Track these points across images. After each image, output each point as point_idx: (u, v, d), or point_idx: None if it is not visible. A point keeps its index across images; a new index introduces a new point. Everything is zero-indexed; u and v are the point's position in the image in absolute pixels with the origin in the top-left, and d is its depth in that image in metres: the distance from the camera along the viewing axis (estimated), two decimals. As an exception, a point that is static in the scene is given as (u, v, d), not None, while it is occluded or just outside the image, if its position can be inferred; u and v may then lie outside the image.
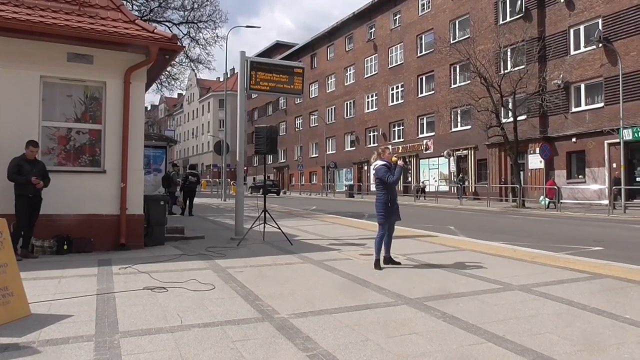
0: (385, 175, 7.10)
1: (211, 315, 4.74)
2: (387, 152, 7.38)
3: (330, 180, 47.09)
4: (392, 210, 7.17)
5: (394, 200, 7.20)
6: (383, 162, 7.25)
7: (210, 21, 25.64)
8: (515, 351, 3.84)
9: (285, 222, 13.02)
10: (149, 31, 8.82)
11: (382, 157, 7.32)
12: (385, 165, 7.20)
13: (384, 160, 7.26)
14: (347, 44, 46.72)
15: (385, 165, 7.20)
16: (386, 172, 7.12)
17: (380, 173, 7.18)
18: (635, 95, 23.05)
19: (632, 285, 6.16)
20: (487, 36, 28.71)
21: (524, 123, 26.66)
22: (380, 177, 7.16)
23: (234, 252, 8.79)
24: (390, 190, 7.17)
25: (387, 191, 7.16)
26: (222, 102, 63.35)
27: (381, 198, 7.21)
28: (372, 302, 5.29)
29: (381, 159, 7.32)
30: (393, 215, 7.25)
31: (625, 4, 23.92)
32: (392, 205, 7.16)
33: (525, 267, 7.47)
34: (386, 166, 7.18)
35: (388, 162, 7.22)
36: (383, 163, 7.24)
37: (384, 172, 7.13)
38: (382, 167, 7.20)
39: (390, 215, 7.19)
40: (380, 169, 7.20)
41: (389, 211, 7.16)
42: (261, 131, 10.44)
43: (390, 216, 7.20)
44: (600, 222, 17.02)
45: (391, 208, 7.15)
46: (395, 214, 7.26)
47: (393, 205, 7.18)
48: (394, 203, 7.19)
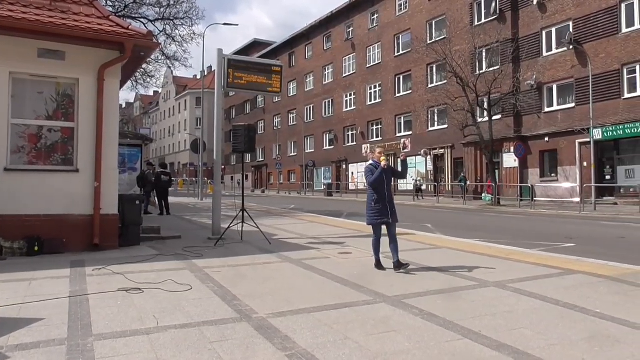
0: (366, 175, 7.04)
1: (188, 316, 4.68)
2: (376, 152, 7.24)
3: (308, 179, 47.08)
4: (380, 211, 6.86)
5: (382, 200, 6.87)
6: (371, 162, 7.14)
7: (186, 18, 25.31)
8: (491, 347, 3.90)
9: (263, 221, 12.96)
10: (123, 27, 8.67)
11: (372, 157, 7.23)
12: (372, 165, 7.05)
13: (373, 160, 7.12)
14: (325, 43, 46.74)
15: (372, 165, 7.05)
16: (369, 172, 7.00)
17: (365, 173, 7.15)
18: (605, 96, 23.61)
19: (602, 280, 6.30)
20: (463, 37, 29.03)
21: (499, 122, 27.06)
22: (365, 176, 7.16)
23: (211, 251, 8.71)
24: (377, 191, 6.90)
25: (374, 191, 6.93)
26: (199, 100, 62.93)
27: (368, 198, 7.05)
28: (350, 300, 5.30)
29: (371, 159, 7.24)
30: (381, 217, 6.89)
31: (594, 7, 24.47)
32: (379, 205, 6.86)
33: (500, 263, 7.58)
34: (372, 166, 7.03)
35: (376, 161, 7.03)
36: (370, 163, 7.15)
37: (367, 172, 7.05)
38: (367, 167, 7.11)
39: (377, 216, 6.90)
40: (366, 169, 7.13)
41: (375, 212, 6.90)
42: (239, 129, 10.37)
43: (378, 217, 6.90)
44: (572, 220, 17.39)
45: (379, 209, 6.86)
46: (384, 214, 6.88)
47: (380, 205, 6.87)
48: (382, 204, 6.87)
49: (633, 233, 12.90)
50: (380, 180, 6.86)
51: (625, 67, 23.34)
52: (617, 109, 23.37)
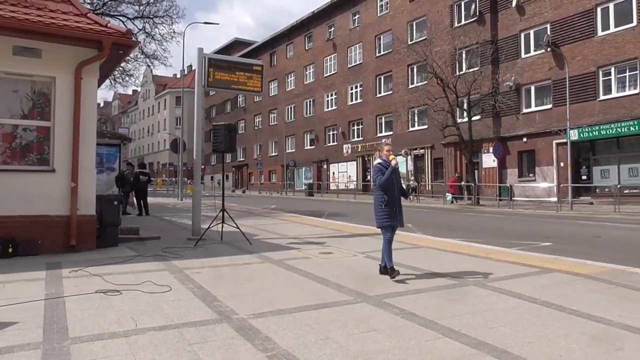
0: (375, 175, 6.43)
1: (167, 317, 4.63)
2: (385, 149, 6.53)
3: (289, 179, 46.99)
4: (390, 213, 6.32)
5: (392, 202, 6.34)
6: (379, 161, 6.55)
7: (166, 16, 25.06)
8: (471, 345, 3.93)
9: (244, 222, 12.89)
10: (101, 25, 8.54)
11: (380, 155, 6.60)
12: (381, 164, 6.46)
13: (381, 159, 6.52)
14: (306, 43, 46.71)
15: (381, 164, 6.46)
16: (378, 171, 6.39)
17: (373, 173, 6.60)
18: (581, 98, 24.05)
19: (578, 278, 6.42)
20: (443, 38, 29.30)
21: (478, 123, 27.37)
22: (372, 176, 6.59)
23: (191, 252, 8.63)
24: (387, 192, 6.33)
25: (384, 192, 6.35)
26: (179, 99, 62.25)
27: (377, 200, 6.47)
28: (331, 300, 5.30)
29: (380, 157, 6.62)
30: (392, 220, 6.36)
31: (571, 10, 24.92)
32: (389, 207, 6.31)
33: (480, 262, 7.66)
34: (381, 165, 6.44)
35: (385, 160, 6.44)
36: (378, 162, 6.54)
37: (375, 171, 6.45)
38: (375, 166, 6.53)
39: (387, 219, 6.35)
40: (374, 168, 6.55)
41: (385, 214, 6.34)
42: (219, 129, 10.29)
43: (388, 220, 6.35)
44: (550, 219, 17.68)
45: (389, 211, 6.31)
46: (394, 217, 6.36)
47: (391, 207, 6.32)
48: (393, 206, 6.34)
49: (608, 232, 13.16)
50: (391, 180, 6.32)
51: (601, 69, 23.82)
52: (593, 110, 23.84)
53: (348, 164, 40.79)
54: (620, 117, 22.70)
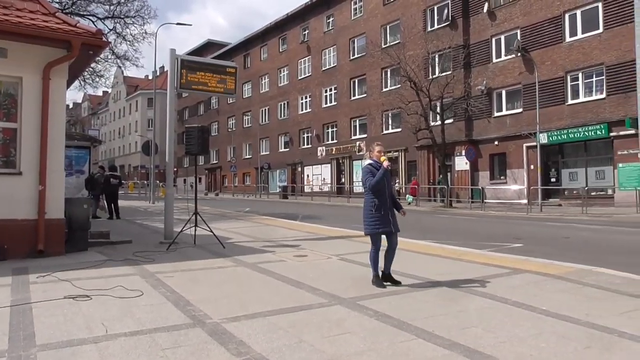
0: (365, 177, 6.07)
1: (139, 323, 4.55)
2: (376, 150, 6.22)
3: (264, 182, 46.80)
4: (380, 218, 5.99)
5: (383, 206, 6.00)
6: (369, 162, 6.22)
7: (138, 17, 24.69)
8: (444, 346, 3.97)
9: (217, 225, 12.78)
10: (70, 25, 8.35)
11: (371, 156, 6.26)
12: (371, 165, 6.14)
13: (372, 160, 6.19)
14: (280, 45, 46.65)
15: (371, 165, 6.14)
16: (367, 173, 6.07)
17: (362, 174, 6.20)
18: (550, 102, 24.64)
19: (547, 278, 6.55)
20: (416, 42, 29.65)
21: (451, 126, 27.75)
22: (362, 178, 6.19)
23: (163, 256, 8.50)
24: (378, 195, 6.00)
25: (374, 195, 6.01)
26: (151, 100, 61.44)
27: (366, 204, 6.11)
28: (306, 303, 5.29)
29: (370, 158, 6.28)
30: (383, 225, 6.02)
31: (540, 16, 25.53)
32: (380, 212, 5.98)
33: (452, 264, 7.76)
34: (371, 166, 6.12)
35: (376, 161, 6.13)
36: (369, 162, 6.20)
37: (365, 173, 6.10)
38: (366, 167, 6.19)
39: (378, 225, 6.01)
40: (364, 169, 6.19)
41: (376, 220, 6.00)
42: (192, 131, 10.19)
43: (378, 226, 6.02)
44: (520, 220, 18.03)
45: (379, 216, 5.99)
46: (385, 223, 6.02)
47: (381, 213, 5.99)
48: (382, 210, 6.00)
49: (576, 233, 13.49)
50: (383, 183, 6.01)
51: (569, 74, 24.46)
52: (562, 114, 24.44)
53: (322, 166, 40.86)
54: (587, 121, 23.35)
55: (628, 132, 21.25)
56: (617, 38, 22.34)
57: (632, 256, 8.95)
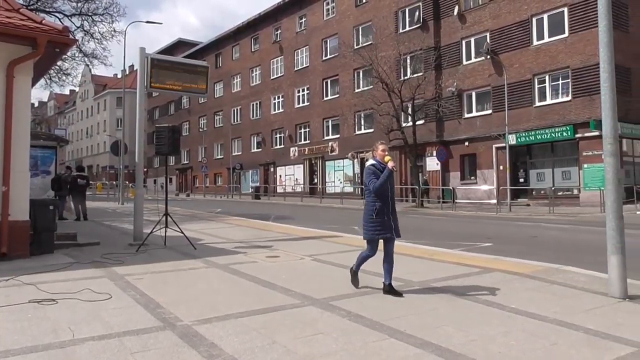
0: (369, 179, 5.60)
1: (107, 326, 4.45)
2: (379, 149, 5.74)
3: (236, 182, 46.45)
4: (382, 224, 5.56)
5: (386, 210, 5.58)
6: (372, 162, 5.74)
7: (106, 14, 24.15)
8: (416, 345, 4.01)
9: (188, 226, 12.62)
10: (35, 22, 8.12)
11: (374, 155, 5.79)
12: (374, 166, 5.67)
13: (375, 160, 5.73)
14: (253, 45, 46.39)
15: (374, 166, 5.67)
16: (371, 174, 5.61)
17: (365, 175, 5.74)
18: (518, 104, 25.17)
19: (517, 277, 6.68)
20: (388, 43, 29.87)
21: (422, 127, 28.07)
22: (364, 180, 5.74)
23: (132, 258, 8.35)
24: (381, 198, 5.59)
25: (376, 198, 5.59)
26: (120, 99, 60.19)
27: (367, 207, 5.69)
28: (279, 304, 5.26)
29: (373, 157, 5.82)
30: (384, 231, 5.59)
31: (509, 20, 26.05)
32: (382, 216, 5.56)
33: (424, 263, 7.84)
34: (374, 167, 5.66)
35: (379, 161, 5.70)
36: (372, 163, 5.73)
37: (368, 174, 5.64)
38: (368, 167, 5.71)
39: (378, 230, 5.58)
40: (367, 170, 5.73)
41: (376, 224, 5.57)
42: (162, 131, 10.03)
43: (378, 231, 5.59)
44: (490, 220, 18.35)
45: (380, 221, 5.56)
46: (387, 228, 5.58)
47: (383, 217, 5.56)
48: (385, 215, 5.58)
49: (544, 232, 13.81)
50: (386, 185, 5.59)
51: (536, 77, 25.03)
52: (530, 116, 24.99)
53: (295, 166, 40.80)
54: (554, 122, 23.93)
55: (592, 133, 21.84)
56: (582, 42, 22.97)
57: (597, 255, 9.19)
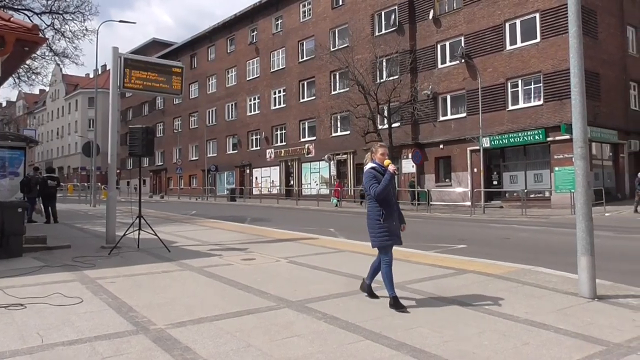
0: (369, 184, 5.27)
1: (78, 331, 4.35)
2: (379, 152, 5.45)
3: (211, 184, 46.05)
4: (390, 229, 5.27)
5: (391, 215, 5.31)
6: (372, 165, 5.41)
7: (78, 12, 23.64)
8: (391, 346, 4.02)
9: (162, 228, 12.46)
10: (3, 19, 7.90)
11: (373, 158, 5.48)
12: (374, 169, 5.35)
13: (375, 163, 5.41)
14: (228, 46, 46.09)
15: (374, 169, 5.35)
16: (371, 178, 5.28)
17: (365, 179, 5.40)
18: (492, 107, 25.58)
19: (490, 278, 6.78)
20: (364, 46, 30.04)
21: (398, 130, 28.30)
22: (364, 184, 5.42)
23: (105, 261, 8.19)
24: (385, 203, 5.29)
25: (380, 204, 5.28)
26: (92, 100, 59.29)
27: (372, 213, 5.33)
28: (254, 307, 5.22)
29: (372, 161, 5.48)
30: (392, 237, 5.30)
31: (483, 25, 26.48)
32: (389, 221, 5.26)
33: (399, 265, 7.85)
34: (375, 170, 5.34)
35: (380, 164, 5.38)
36: (372, 166, 5.39)
37: (369, 178, 5.31)
38: (369, 171, 5.37)
39: (388, 236, 5.27)
40: (366, 174, 5.38)
41: (385, 230, 5.25)
42: (136, 132, 9.89)
43: (388, 238, 5.28)
44: (464, 222, 18.58)
45: (389, 227, 5.26)
46: (394, 233, 5.32)
47: (391, 223, 5.28)
48: (393, 220, 5.31)
49: (516, 234, 14.04)
50: (389, 189, 5.30)
51: (509, 81, 25.48)
52: (503, 119, 25.42)
53: (271, 168, 40.67)
54: (526, 126, 24.39)
55: (563, 137, 22.32)
56: (553, 48, 23.48)
57: (567, 255, 9.38)
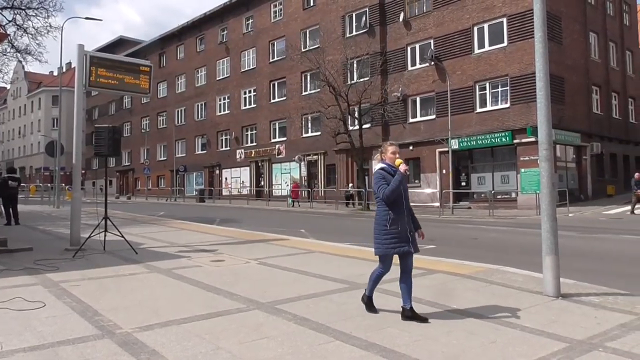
0: (378, 185, 4.88)
1: (40, 336, 4.21)
2: (389, 151, 5.00)
3: (179, 185, 45.41)
4: (397, 236, 4.84)
5: (401, 220, 4.87)
6: (382, 165, 4.99)
7: (41, 8, 22.91)
8: (361, 347, 4.03)
9: (129, 230, 12.21)
10: (-38, 12, 7.62)
11: (383, 158, 5.06)
12: (384, 169, 4.94)
13: (385, 163, 5.00)
14: (198, 45, 45.56)
15: (384, 169, 4.94)
16: (380, 179, 4.88)
17: (374, 181, 5.04)
18: (461, 110, 26.00)
19: (458, 278, 6.89)
20: (335, 47, 30.13)
21: (369, 131, 28.46)
22: (373, 187, 5.04)
23: (69, 264, 7.97)
24: (394, 206, 4.86)
25: (389, 207, 4.85)
26: (56, 98, 57.62)
27: (379, 217, 4.94)
28: (223, 309, 5.17)
29: (382, 161, 5.07)
30: (400, 244, 4.85)
31: (452, 28, 26.89)
32: (396, 227, 4.84)
33: (370, 266, 7.85)
34: (384, 171, 4.92)
35: (390, 165, 4.97)
36: (382, 166, 4.98)
37: (378, 179, 4.91)
38: (378, 172, 4.96)
39: (393, 243, 4.84)
40: (376, 175, 4.98)
41: (391, 237, 4.84)
42: (102, 131, 9.66)
43: (393, 245, 4.85)
44: (433, 222, 18.80)
45: (395, 232, 4.84)
46: (403, 240, 4.85)
47: (397, 228, 4.84)
48: (399, 225, 4.86)
49: (484, 234, 14.31)
50: (399, 191, 4.86)
51: (478, 84, 25.94)
52: (471, 122, 25.87)
53: (241, 169, 40.36)
54: (494, 128, 24.88)
55: (529, 139, 22.84)
56: (519, 52, 24.02)
57: (533, 255, 9.59)
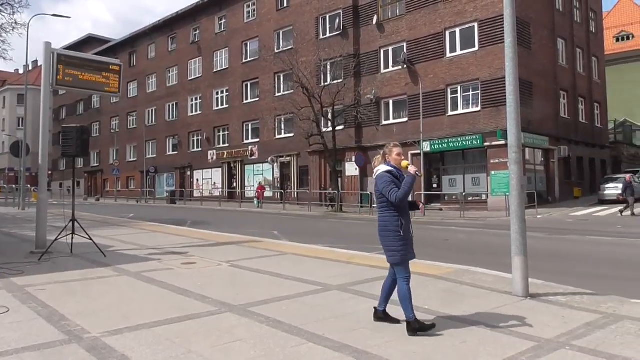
0: (388, 189, 4.60)
1: (4, 342, 4.09)
2: (394, 152, 4.79)
3: (150, 186, 44.69)
4: (409, 241, 4.72)
5: (409, 226, 4.72)
6: (388, 168, 4.76)
7: (6, 4, 22.20)
8: (334, 348, 4.04)
9: (98, 232, 11.96)
10: None
11: (388, 160, 4.84)
12: (390, 172, 4.71)
13: (390, 165, 4.79)
14: (170, 44, 44.95)
15: (390, 172, 4.71)
16: (389, 183, 4.62)
17: (380, 184, 4.69)
18: (433, 113, 26.33)
19: (430, 279, 6.99)
20: (309, 49, 30.15)
21: (342, 133, 28.57)
22: (381, 190, 4.67)
23: (34, 267, 7.75)
24: (403, 212, 4.69)
25: (398, 212, 4.66)
26: (22, 97, 56.07)
27: (389, 223, 4.67)
28: (195, 312, 5.10)
29: (386, 163, 4.86)
30: (411, 250, 4.77)
31: (424, 32, 27.22)
32: (408, 234, 4.70)
33: (342, 267, 7.94)
34: (391, 174, 4.70)
35: (396, 167, 4.79)
36: (387, 169, 4.75)
37: (387, 183, 4.64)
38: (384, 175, 4.70)
39: (407, 249, 4.70)
40: (382, 178, 4.71)
41: (405, 243, 4.67)
42: (70, 131, 9.44)
43: (408, 251, 4.71)
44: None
45: (408, 239, 4.70)
46: (412, 247, 4.78)
47: (409, 235, 4.71)
48: (410, 231, 4.75)
49: (455, 235, 14.52)
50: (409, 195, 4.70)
51: (449, 87, 26.30)
52: (443, 124, 26.22)
53: (213, 170, 39.97)
54: (465, 131, 25.27)
55: (499, 142, 23.27)
56: (490, 56, 24.47)
57: (502, 256, 9.76)
